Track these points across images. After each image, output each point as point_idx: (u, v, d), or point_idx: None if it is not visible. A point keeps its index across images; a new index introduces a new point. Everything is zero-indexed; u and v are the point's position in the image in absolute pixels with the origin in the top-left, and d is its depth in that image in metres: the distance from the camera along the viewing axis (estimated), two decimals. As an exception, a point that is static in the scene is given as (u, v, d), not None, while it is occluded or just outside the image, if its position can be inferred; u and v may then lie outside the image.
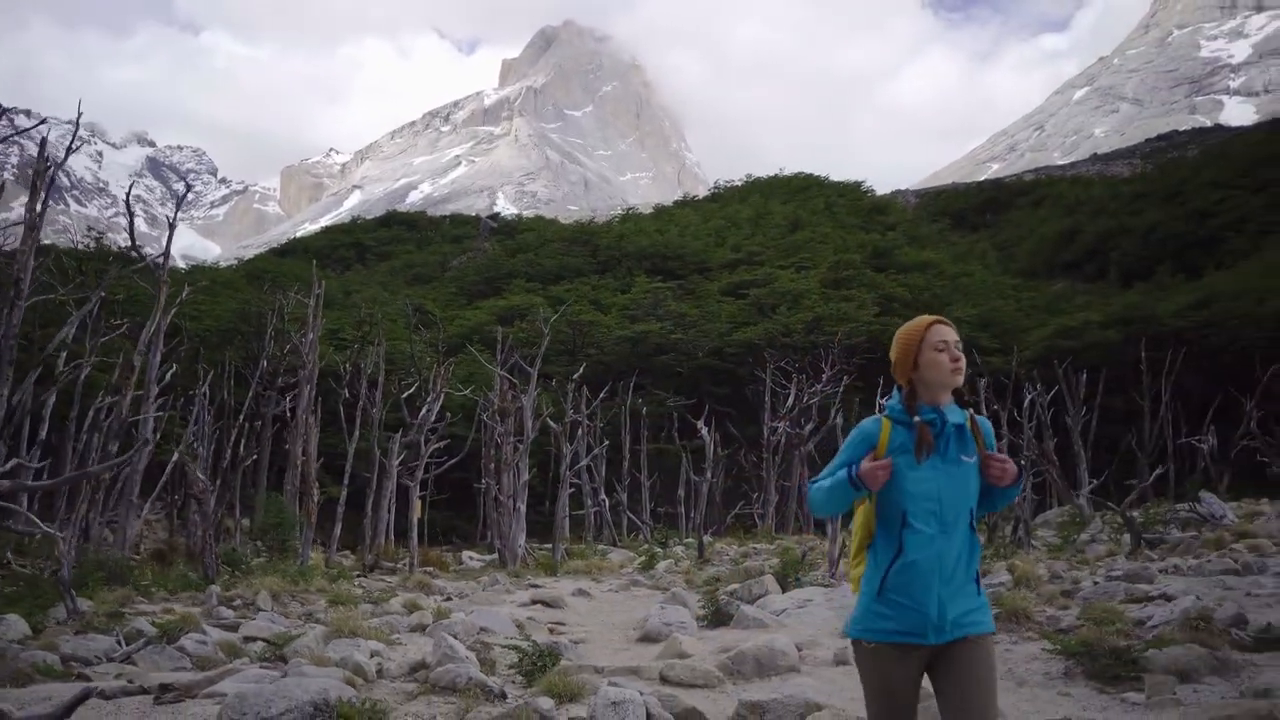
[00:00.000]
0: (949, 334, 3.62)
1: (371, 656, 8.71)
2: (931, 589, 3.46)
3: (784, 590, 13.59)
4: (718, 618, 11.59)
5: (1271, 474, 31.27)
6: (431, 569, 22.42)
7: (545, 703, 6.68)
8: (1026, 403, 28.76)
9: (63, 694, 6.57)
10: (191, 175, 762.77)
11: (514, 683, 7.90)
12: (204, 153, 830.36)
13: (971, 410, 3.64)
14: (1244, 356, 39.47)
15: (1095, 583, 12.07)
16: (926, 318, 3.72)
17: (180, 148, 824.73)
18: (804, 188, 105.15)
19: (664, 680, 7.90)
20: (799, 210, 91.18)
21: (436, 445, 26.92)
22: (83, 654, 8.87)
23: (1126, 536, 18.48)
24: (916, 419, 3.54)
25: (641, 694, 6.54)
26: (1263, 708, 5.54)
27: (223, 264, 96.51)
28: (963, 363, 3.62)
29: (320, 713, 6.10)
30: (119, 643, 9.47)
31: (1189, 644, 7.39)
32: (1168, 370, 37.43)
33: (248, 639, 10.02)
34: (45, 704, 6.31)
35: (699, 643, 9.74)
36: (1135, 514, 22.30)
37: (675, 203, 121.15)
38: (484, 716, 6.25)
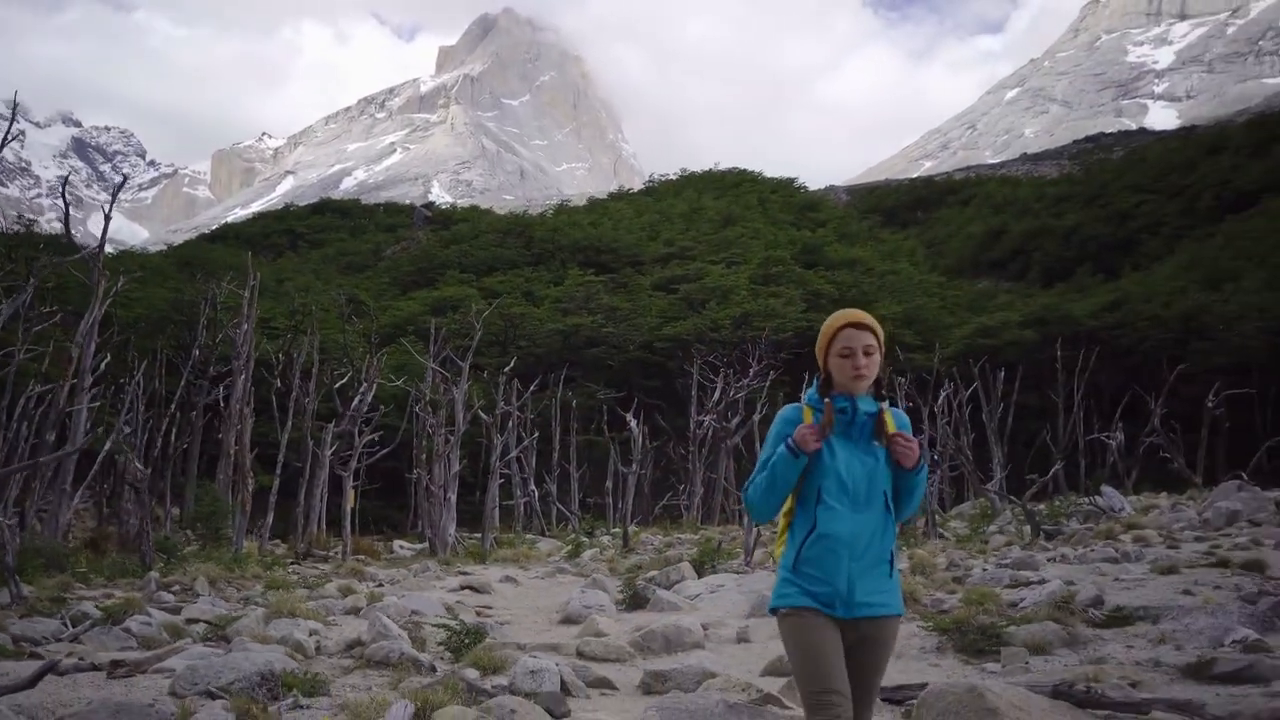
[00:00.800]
0: (857, 340, 3.73)
1: (310, 635, 9.25)
2: (841, 563, 3.63)
3: (700, 576, 14.36)
4: (635, 601, 12.28)
5: (1173, 470, 32.91)
6: (364, 557, 22.81)
7: (471, 674, 7.35)
8: (942, 399, 29.82)
9: (18, 670, 6.96)
10: (119, 157, 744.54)
11: (443, 658, 8.55)
12: (132, 134, 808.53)
13: (886, 402, 3.80)
14: (1152, 356, 41.15)
15: (984, 570, 13.01)
16: (842, 317, 3.81)
17: (107, 128, 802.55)
18: (737, 183, 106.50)
19: (580, 655, 8.63)
20: (732, 205, 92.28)
21: (369, 436, 27.28)
22: (31, 635, 9.26)
23: (1028, 528, 19.58)
24: (826, 400, 3.74)
25: (558, 665, 7.25)
26: (1090, 671, 6.48)
27: (151, 248, 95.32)
28: (867, 368, 3.73)
29: (266, 682, 6.71)
30: (65, 624, 9.91)
31: (1047, 621, 8.31)
32: (1081, 368, 38.75)
33: (190, 621, 10.49)
34: (4, 678, 6.75)
35: (615, 623, 10.43)
36: (1040, 506, 23.50)
37: (610, 195, 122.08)
38: (415, 686, 6.83)
